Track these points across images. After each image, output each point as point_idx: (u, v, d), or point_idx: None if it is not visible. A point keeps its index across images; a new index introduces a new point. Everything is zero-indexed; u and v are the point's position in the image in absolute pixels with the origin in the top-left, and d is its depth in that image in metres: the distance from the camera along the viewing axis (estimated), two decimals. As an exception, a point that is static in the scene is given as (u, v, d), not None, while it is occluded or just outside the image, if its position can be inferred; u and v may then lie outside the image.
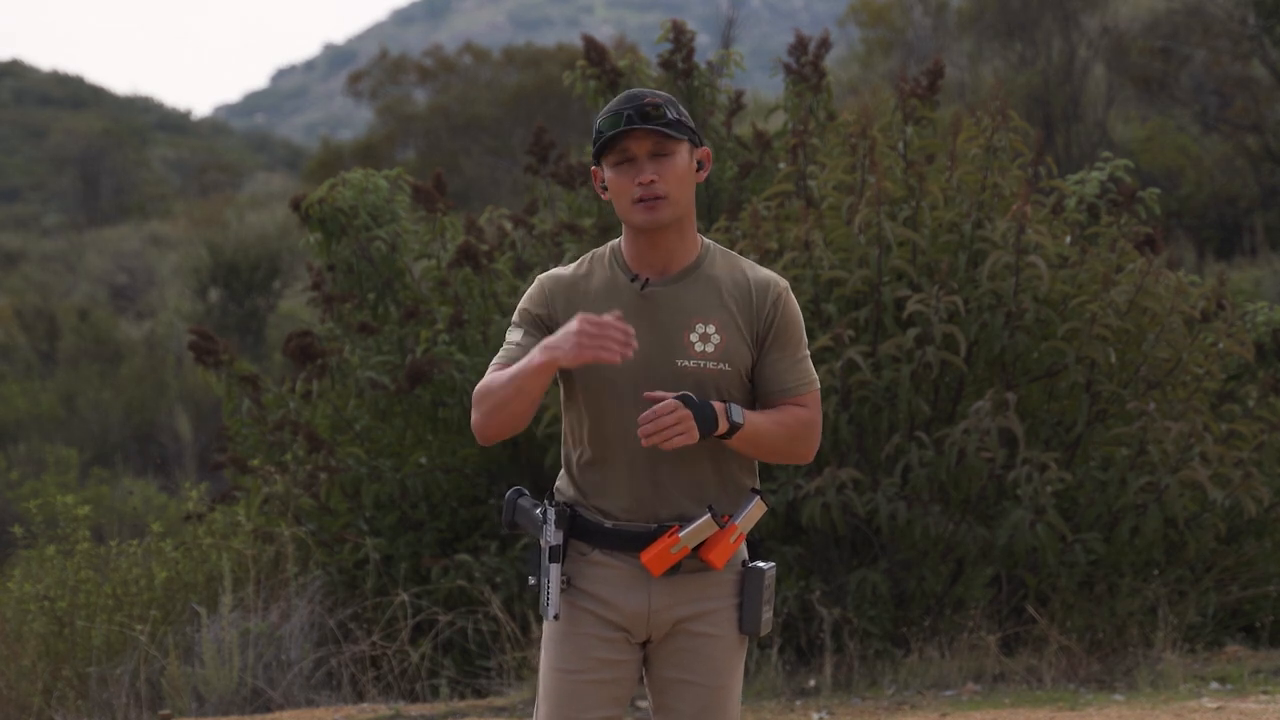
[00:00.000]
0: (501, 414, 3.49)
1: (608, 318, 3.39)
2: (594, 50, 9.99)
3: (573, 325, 3.39)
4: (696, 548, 3.52)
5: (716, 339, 3.54)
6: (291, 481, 8.86)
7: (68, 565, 8.61)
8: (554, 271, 3.64)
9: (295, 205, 9.52)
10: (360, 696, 8.24)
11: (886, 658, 8.27)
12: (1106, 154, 9.85)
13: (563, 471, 3.65)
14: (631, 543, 3.54)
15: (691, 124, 3.56)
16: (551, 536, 3.53)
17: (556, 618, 3.52)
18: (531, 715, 7.68)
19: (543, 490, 9.08)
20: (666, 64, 10.03)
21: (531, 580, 3.56)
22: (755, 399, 3.62)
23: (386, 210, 9.44)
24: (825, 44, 9.91)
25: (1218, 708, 7.15)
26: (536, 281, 3.63)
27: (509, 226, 9.94)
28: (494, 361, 3.59)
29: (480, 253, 9.37)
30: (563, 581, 3.54)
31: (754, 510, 3.57)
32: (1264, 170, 22.07)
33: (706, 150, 3.61)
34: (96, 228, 38.04)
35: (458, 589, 8.65)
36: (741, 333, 3.56)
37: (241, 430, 9.31)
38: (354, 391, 9.15)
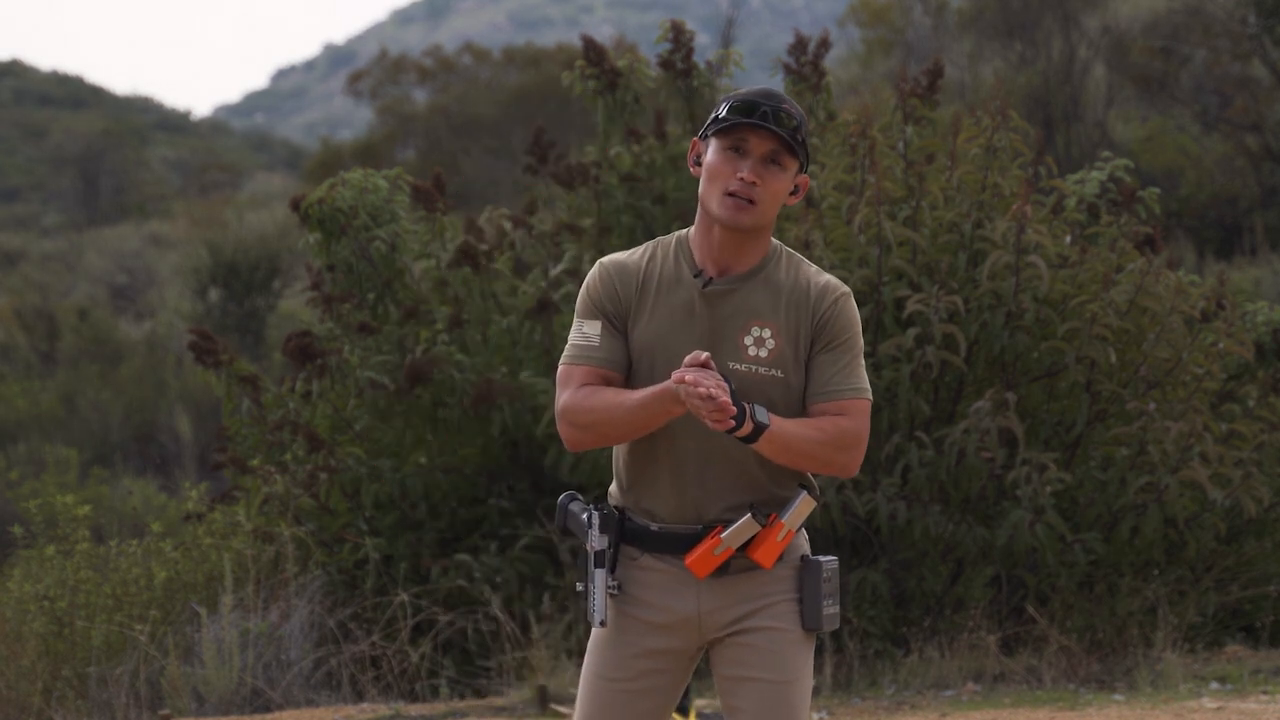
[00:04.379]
0: (614, 438, 3.44)
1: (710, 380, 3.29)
2: (593, 50, 9.98)
3: (688, 381, 3.29)
4: (744, 547, 3.44)
5: (771, 344, 3.45)
6: (291, 481, 8.85)
7: (67, 565, 8.60)
8: (617, 258, 3.52)
9: (295, 205, 9.52)
10: (360, 696, 8.24)
11: (886, 658, 8.27)
12: (1106, 154, 9.85)
13: (615, 477, 3.56)
14: (677, 545, 3.47)
15: (809, 151, 3.47)
16: (596, 541, 3.47)
17: (603, 624, 3.46)
18: (528, 714, 7.68)
19: (543, 490, 9.10)
20: (666, 64, 10.03)
21: (580, 586, 3.49)
22: (804, 405, 3.49)
23: (386, 210, 9.44)
24: (825, 44, 9.91)
25: (1218, 708, 7.15)
26: (599, 267, 3.51)
27: (508, 227, 9.94)
28: (569, 357, 3.48)
29: (480, 253, 9.37)
30: (613, 587, 3.47)
31: (801, 506, 3.47)
32: (1264, 170, 22.06)
33: (807, 179, 3.51)
34: (96, 228, 38.01)
35: (457, 589, 8.65)
36: (797, 339, 3.46)
37: (241, 430, 9.31)
38: (354, 391, 9.14)
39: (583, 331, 3.49)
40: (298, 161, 50.05)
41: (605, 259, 3.53)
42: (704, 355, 3.33)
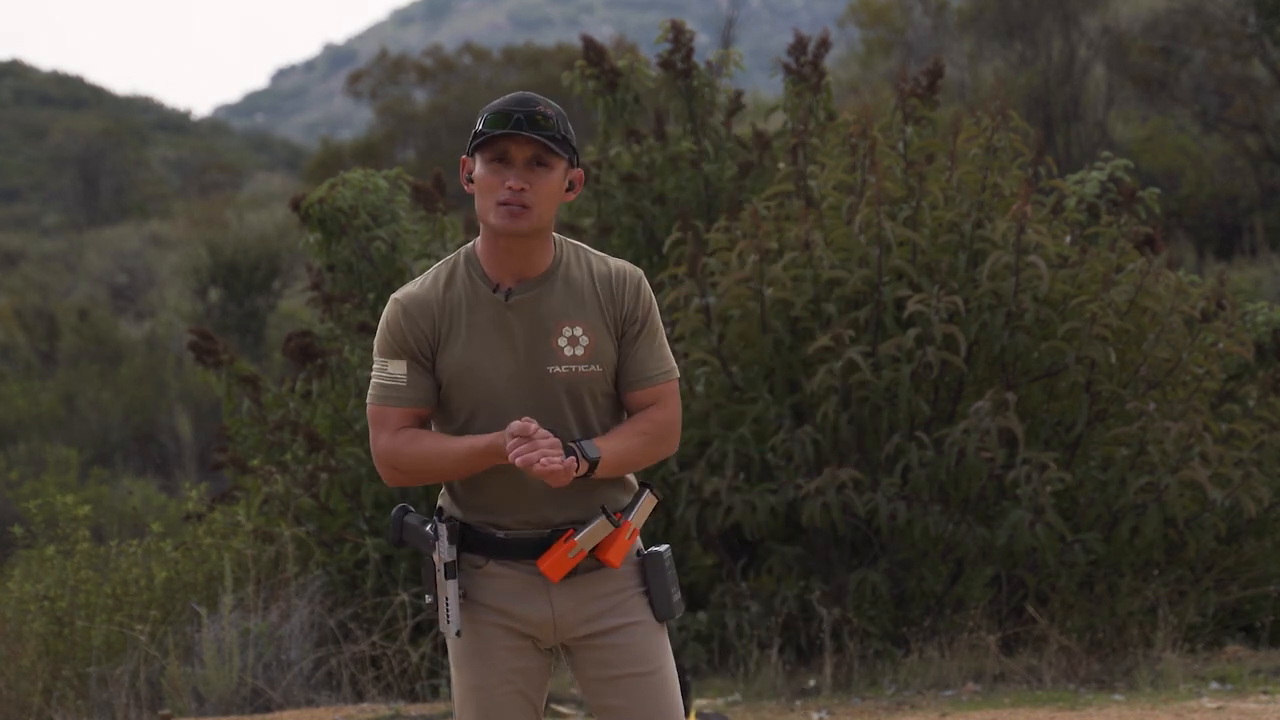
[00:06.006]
0: (437, 480, 3.49)
1: (528, 426, 3.35)
2: (593, 50, 9.98)
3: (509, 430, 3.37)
4: (593, 549, 3.49)
5: (585, 341, 3.50)
6: (291, 481, 8.86)
7: (68, 565, 8.60)
8: (412, 292, 3.53)
9: (295, 205, 9.52)
10: (360, 696, 8.24)
11: (886, 658, 8.27)
12: (1106, 154, 9.85)
13: (444, 489, 3.57)
14: (526, 550, 3.50)
15: (574, 144, 3.52)
16: (445, 553, 3.48)
17: (459, 634, 3.48)
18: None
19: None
20: (666, 64, 10.03)
21: (428, 598, 3.51)
22: (618, 391, 3.57)
23: (386, 210, 9.44)
24: (825, 44, 9.91)
25: (1218, 708, 7.15)
26: (396, 305, 3.52)
27: (509, 226, 9.93)
28: (379, 398, 3.51)
29: (480, 253, 9.36)
30: (460, 595, 3.50)
31: (645, 505, 3.55)
32: (1264, 170, 22.06)
33: (580, 172, 3.56)
34: (96, 228, 38.03)
35: (457, 589, 8.64)
36: (607, 330, 3.52)
37: (241, 430, 9.31)
38: (354, 391, 9.15)
39: (388, 371, 3.51)
40: (298, 161, 50.06)
41: (400, 295, 3.53)
42: (532, 427, 3.37)
